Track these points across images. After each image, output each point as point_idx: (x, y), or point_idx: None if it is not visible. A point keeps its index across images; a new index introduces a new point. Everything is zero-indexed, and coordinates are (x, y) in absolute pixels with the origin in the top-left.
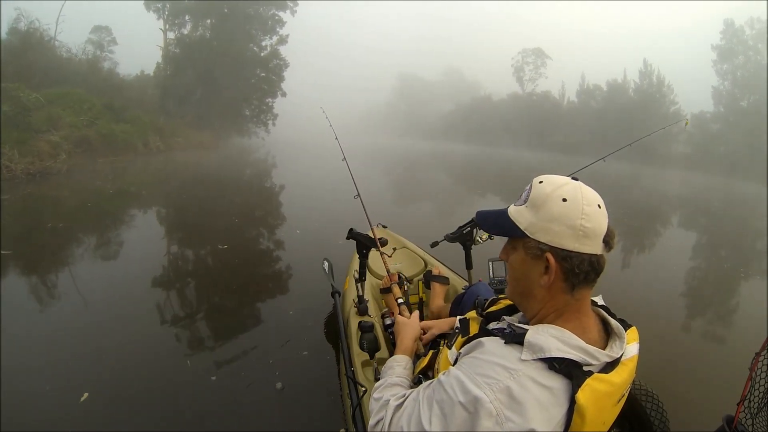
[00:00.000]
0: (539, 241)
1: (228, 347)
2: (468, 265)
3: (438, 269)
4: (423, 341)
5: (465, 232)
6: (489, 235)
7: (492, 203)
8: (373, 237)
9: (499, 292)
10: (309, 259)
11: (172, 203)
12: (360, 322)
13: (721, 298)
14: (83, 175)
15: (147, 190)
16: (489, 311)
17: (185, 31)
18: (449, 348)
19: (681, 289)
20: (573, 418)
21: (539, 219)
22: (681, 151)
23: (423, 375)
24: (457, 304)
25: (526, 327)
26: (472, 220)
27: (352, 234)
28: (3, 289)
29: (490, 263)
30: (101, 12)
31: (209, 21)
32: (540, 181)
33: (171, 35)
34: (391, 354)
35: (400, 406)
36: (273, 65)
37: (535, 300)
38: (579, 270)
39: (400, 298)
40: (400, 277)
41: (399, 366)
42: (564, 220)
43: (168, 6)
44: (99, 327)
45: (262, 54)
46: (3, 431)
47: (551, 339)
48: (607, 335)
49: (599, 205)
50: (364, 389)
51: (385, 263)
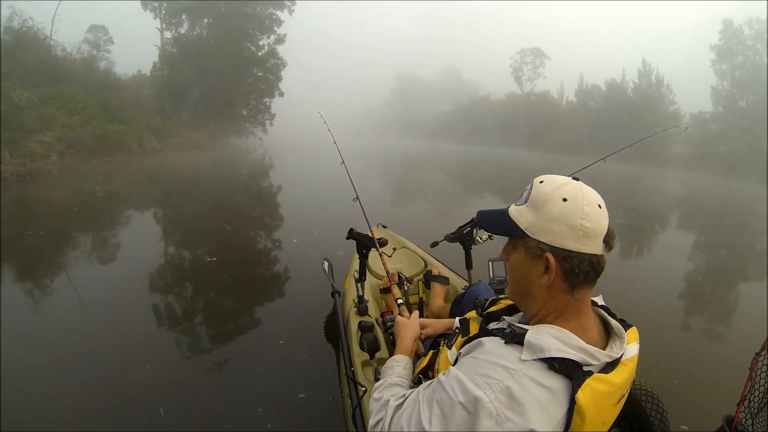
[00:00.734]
0: (539, 241)
1: (227, 348)
2: (468, 265)
3: (438, 269)
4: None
5: (465, 232)
6: (489, 235)
7: (490, 203)
8: (373, 237)
9: (499, 292)
10: (308, 260)
11: (162, 207)
12: (360, 322)
13: (721, 297)
14: (74, 177)
15: (138, 193)
16: (489, 311)
17: (182, 31)
18: (449, 348)
19: (681, 289)
20: (573, 418)
21: (539, 219)
22: (680, 152)
23: (423, 375)
24: (457, 304)
25: (525, 327)
26: (472, 220)
27: (352, 234)
28: None
29: (490, 263)
30: (97, 11)
31: (206, 20)
32: (540, 181)
33: (168, 35)
34: (391, 354)
35: (400, 406)
36: (270, 65)
37: (535, 300)
38: (579, 270)
39: (399, 298)
40: (400, 277)
41: (399, 366)
42: (564, 220)
43: (165, 5)
44: (78, 336)
45: (259, 54)
46: (3, 431)
47: (551, 339)
48: (608, 335)
49: (599, 205)
50: (364, 389)
51: (385, 264)
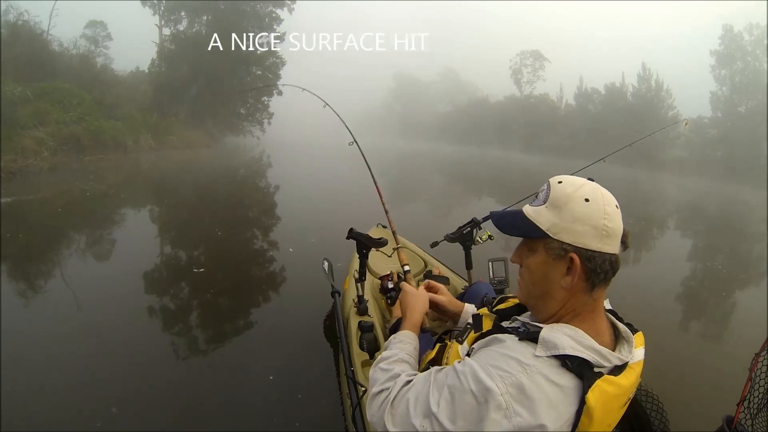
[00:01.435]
0: (563, 242)
1: (226, 348)
2: (468, 265)
3: (438, 269)
4: (429, 316)
5: (465, 232)
6: (489, 235)
7: (490, 203)
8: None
9: (500, 292)
10: (308, 260)
11: (152, 209)
12: (360, 322)
13: (721, 298)
14: (64, 175)
15: (128, 193)
16: (498, 308)
17: (181, 28)
18: (460, 343)
19: (680, 290)
20: (581, 418)
21: (562, 219)
22: (678, 156)
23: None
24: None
25: (540, 325)
26: (472, 220)
27: (352, 234)
28: None
29: (490, 263)
30: (96, 7)
31: (205, 17)
32: (559, 182)
33: (167, 31)
34: None
35: (409, 382)
36: (269, 63)
37: (554, 301)
38: (600, 270)
39: (406, 264)
40: (400, 277)
41: (410, 344)
42: (587, 220)
43: (164, 2)
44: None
45: (258, 51)
46: (3, 431)
47: (565, 337)
48: (616, 339)
49: (616, 206)
50: (364, 389)
51: (400, 255)
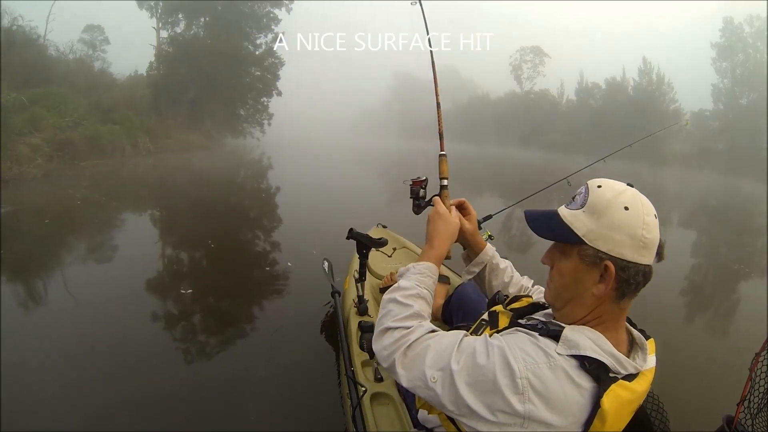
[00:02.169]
0: (599, 250)
1: (227, 348)
2: None
3: None
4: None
5: None
6: (489, 235)
7: (491, 202)
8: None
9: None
10: (308, 260)
11: (145, 216)
12: (360, 322)
13: (721, 298)
14: (58, 182)
15: (120, 200)
16: (513, 307)
17: (179, 30)
18: None
19: (680, 289)
20: (594, 422)
21: (600, 226)
22: (680, 149)
23: None
24: (447, 304)
25: (562, 324)
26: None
27: (352, 234)
28: None
29: None
30: (93, 11)
31: (203, 19)
32: (598, 186)
33: (164, 34)
34: None
35: (434, 332)
36: (268, 63)
37: (583, 307)
38: (633, 281)
39: (445, 178)
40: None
41: (430, 278)
42: (626, 229)
43: (161, 4)
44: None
45: (257, 52)
46: (3, 431)
47: (587, 340)
48: (630, 346)
49: (655, 215)
50: (364, 389)
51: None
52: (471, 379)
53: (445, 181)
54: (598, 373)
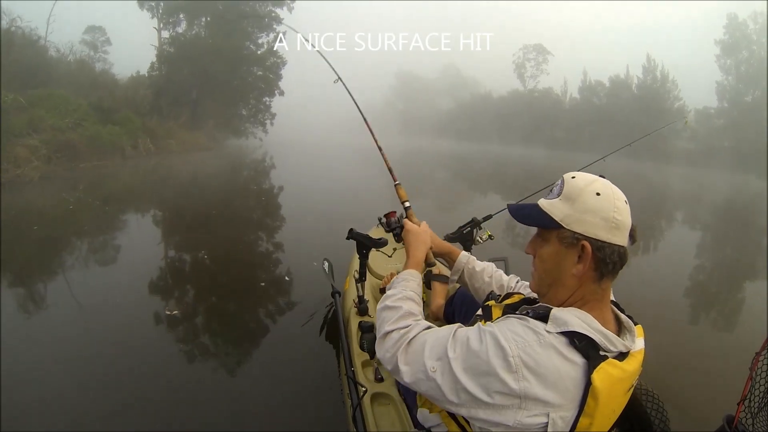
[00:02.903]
0: (575, 232)
1: (228, 348)
2: None
3: (438, 269)
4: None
5: (465, 232)
6: (489, 235)
7: (493, 200)
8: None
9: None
10: (308, 261)
11: (139, 222)
12: (360, 322)
13: (722, 297)
14: (55, 185)
15: (114, 204)
16: (506, 303)
17: (180, 30)
18: None
19: (681, 289)
20: (587, 400)
21: (575, 210)
22: (684, 147)
23: None
24: (449, 304)
25: (550, 306)
26: (472, 220)
27: (352, 234)
28: None
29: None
30: (94, 12)
31: (204, 19)
32: (572, 177)
33: (165, 34)
34: None
35: (429, 327)
36: (270, 63)
37: (565, 288)
38: (609, 260)
39: (406, 201)
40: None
41: (413, 281)
42: (599, 212)
43: (162, 4)
44: None
45: (258, 52)
46: (3, 431)
47: (574, 318)
48: (619, 329)
49: (625, 201)
50: (364, 389)
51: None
52: (467, 364)
53: (407, 203)
54: (587, 350)
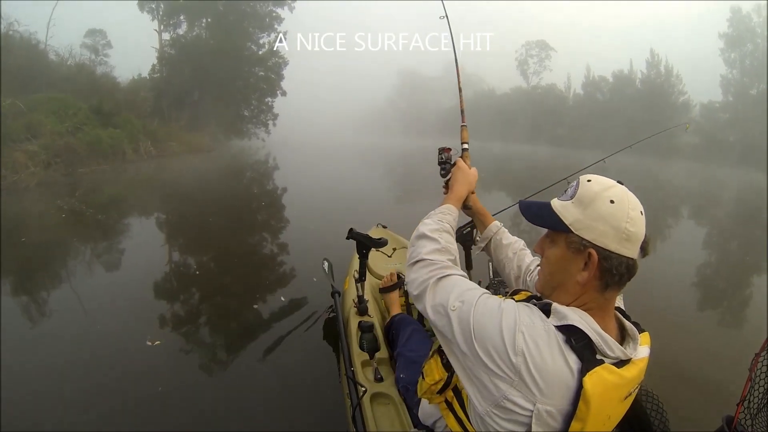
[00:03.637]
0: (583, 238)
1: (228, 349)
2: (468, 265)
3: (390, 278)
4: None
5: (465, 232)
6: None
7: (498, 198)
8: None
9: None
10: (309, 261)
11: (135, 229)
12: (360, 322)
13: (722, 297)
14: (51, 191)
15: (109, 212)
16: (514, 298)
17: (180, 32)
18: None
19: (681, 288)
20: (579, 404)
21: (586, 216)
22: (688, 142)
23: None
24: (389, 326)
25: (551, 302)
26: (472, 220)
27: (352, 234)
28: None
29: (489, 263)
30: (95, 15)
31: (205, 20)
32: (588, 180)
33: (166, 36)
34: (391, 355)
35: (464, 276)
36: (272, 63)
37: (567, 294)
38: (616, 271)
39: (465, 143)
40: (399, 277)
41: (450, 215)
42: (610, 220)
43: (162, 6)
44: None
45: (260, 52)
46: (3, 431)
47: (574, 314)
48: (622, 338)
49: (641, 212)
50: (364, 389)
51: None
52: (483, 318)
53: (466, 145)
54: (582, 352)
